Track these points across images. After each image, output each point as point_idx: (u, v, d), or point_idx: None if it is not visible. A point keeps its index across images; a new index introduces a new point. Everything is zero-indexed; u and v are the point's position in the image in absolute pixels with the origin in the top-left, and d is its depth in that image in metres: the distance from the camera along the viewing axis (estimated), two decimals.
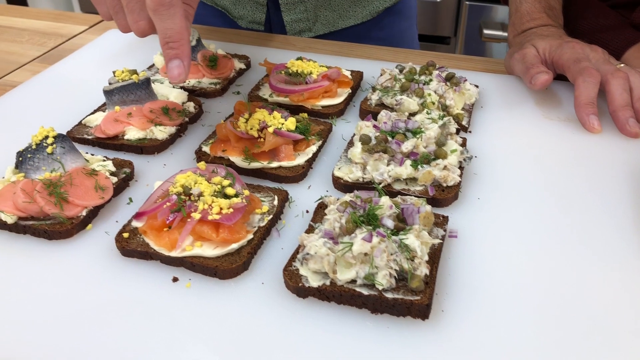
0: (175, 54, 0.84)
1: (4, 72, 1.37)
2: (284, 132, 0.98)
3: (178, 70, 0.84)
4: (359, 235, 0.75)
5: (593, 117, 1.08)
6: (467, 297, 0.76)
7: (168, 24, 0.82)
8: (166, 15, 0.81)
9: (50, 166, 0.91)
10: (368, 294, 0.73)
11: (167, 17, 0.81)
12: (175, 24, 0.82)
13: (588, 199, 0.93)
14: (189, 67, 0.85)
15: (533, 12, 1.31)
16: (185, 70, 0.84)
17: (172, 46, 0.84)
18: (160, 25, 0.82)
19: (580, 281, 0.79)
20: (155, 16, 0.82)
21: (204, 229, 0.80)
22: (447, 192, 0.91)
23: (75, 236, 0.86)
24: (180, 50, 0.84)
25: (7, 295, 0.77)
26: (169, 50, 0.84)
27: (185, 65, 0.84)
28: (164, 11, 0.81)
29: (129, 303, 0.76)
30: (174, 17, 0.82)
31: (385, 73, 1.17)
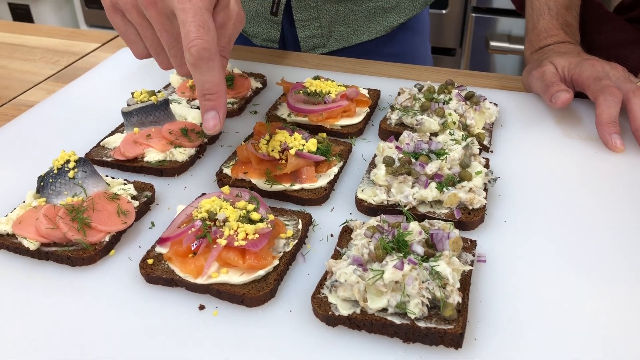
0: (212, 106, 0.85)
1: (18, 91, 1.37)
2: (305, 153, 0.97)
3: (214, 122, 0.86)
4: (389, 262, 0.74)
5: (615, 136, 1.07)
6: (499, 324, 0.75)
7: (206, 77, 0.83)
8: (205, 69, 0.83)
9: (72, 191, 0.90)
10: (400, 323, 0.72)
11: (205, 71, 0.83)
12: (214, 77, 0.84)
13: (614, 219, 0.92)
14: (224, 118, 0.87)
15: (550, 28, 1.31)
16: (220, 122, 0.86)
17: (210, 98, 0.85)
18: (199, 78, 0.84)
19: (613, 304, 0.77)
20: (194, 70, 0.83)
21: (230, 255, 0.79)
22: (474, 215, 0.90)
23: (98, 262, 0.85)
24: (217, 102, 0.85)
25: (30, 324, 0.76)
26: (206, 102, 0.86)
27: (221, 116, 0.86)
28: (202, 65, 0.82)
29: (155, 331, 0.75)
30: (212, 70, 0.83)
31: (404, 92, 1.16)
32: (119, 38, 1.64)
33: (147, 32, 0.89)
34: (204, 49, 0.81)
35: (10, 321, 0.77)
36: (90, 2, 3.69)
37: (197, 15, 0.82)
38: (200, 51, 0.81)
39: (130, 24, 0.91)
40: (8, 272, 0.84)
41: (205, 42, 0.81)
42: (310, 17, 1.51)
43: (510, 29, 3.01)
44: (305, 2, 1.48)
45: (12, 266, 0.85)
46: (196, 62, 0.82)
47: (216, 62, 0.83)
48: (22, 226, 0.86)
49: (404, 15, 1.57)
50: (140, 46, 0.93)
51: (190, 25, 0.81)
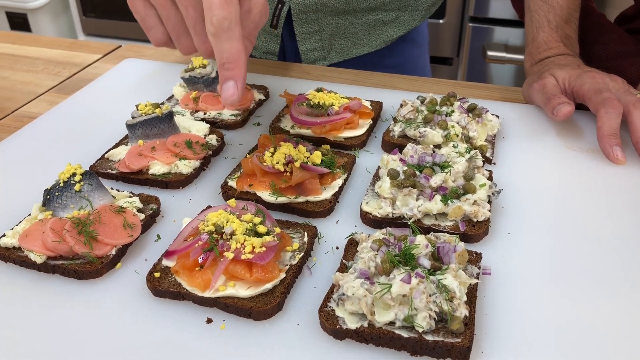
0: (231, 75, 0.84)
1: (20, 102, 1.37)
2: (310, 166, 0.98)
3: (231, 91, 0.84)
4: (397, 276, 0.74)
5: (617, 148, 1.08)
6: (505, 336, 0.76)
7: (226, 46, 0.83)
8: (225, 37, 0.82)
9: (78, 204, 0.90)
10: (408, 337, 0.72)
11: (225, 40, 0.82)
12: (233, 46, 0.83)
13: (616, 230, 0.93)
14: (242, 89, 0.85)
15: (550, 41, 1.32)
16: (238, 92, 0.85)
17: (228, 67, 0.84)
18: (219, 47, 0.83)
19: (618, 316, 0.78)
20: (214, 39, 0.82)
21: (237, 268, 0.80)
22: (478, 228, 0.90)
23: (105, 276, 0.85)
24: (235, 72, 0.84)
25: (37, 337, 0.76)
26: (225, 72, 0.84)
27: (239, 87, 0.85)
28: (223, 34, 0.82)
29: (162, 345, 0.75)
30: (231, 39, 0.82)
31: (407, 104, 1.17)
32: (121, 49, 1.65)
33: (170, 13, 0.88)
34: (225, 18, 0.81)
35: (17, 335, 0.77)
36: (88, 11, 3.70)
37: None
38: (221, 20, 0.81)
39: (151, 7, 0.90)
40: (15, 286, 0.84)
41: (226, 12, 0.81)
42: (311, 31, 1.52)
43: (507, 39, 3.03)
44: (306, 16, 1.49)
45: (18, 280, 0.85)
46: (217, 31, 0.81)
47: (236, 32, 0.82)
48: (29, 240, 0.86)
49: (403, 28, 1.58)
50: (160, 31, 0.92)
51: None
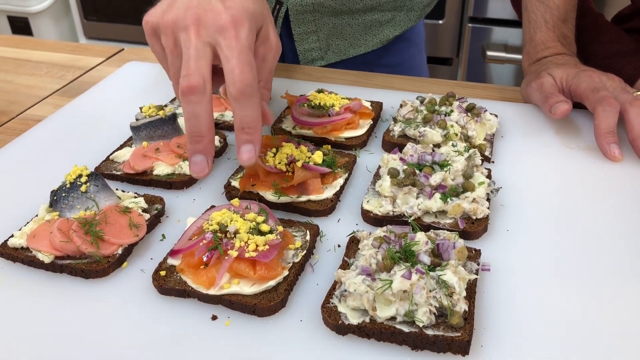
0: (249, 139, 0.87)
1: (25, 105, 1.39)
2: (312, 166, 0.99)
3: (249, 155, 0.87)
4: (397, 272, 0.76)
5: (614, 146, 1.09)
6: (504, 331, 0.77)
7: (247, 112, 0.86)
8: (247, 104, 0.85)
9: (84, 205, 0.92)
10: (409, 331, 0.74)
11: (247, 106, 0.85)
12: (253, 112, 0.86)
13: (613, 226, 0.95)
14: (258, 152, 0.88)
15: (547, 40, 1.34)
16: (255, 154, 0.87)
17: (248, 132, 0.87)
18: (239, 112, 0.86)
19: (616, 312, 0.79)
20: (236, 103, 0.85)
21: (241, 266, 0.81)
22: (477, 225, 0.92)
23: (111, 274, 0.87)
24: (253, 137, 0.87)
25: (44, 336, 0.78)
26: (244, 135, 0.87)
27: (256, 150, 0.87)
28: (245, 100, 0.84)
29: (168, 341, 0.77)
30: (253, 106, 0.85)
31: (407, 104, 1.19)
32: (123, 52, 1.67)
33: (176, 61, 0.90)
34: (247, 85, 0.84)
35: (26, 333, 0.78)
36: (89, 14, 3.72)
37: (242, 54, 0.85)
38: (243, 87, 0.84)
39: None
40: (23, 285, 0.86)
41: (248, 79, 0.84)
42: (309, 31, 1.54)
43: (506, 39, 3.04)
44: (304, 16, 1.51)
45: (26, 279, 0.87)
46: (239, 96, 0.84)
47: (257, 99, 0.85)
48: (37, 240, 0.88)
49: (400, 28, 1.60)
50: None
51: (235, 61, 0.84)
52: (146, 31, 0.94)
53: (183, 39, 0.87)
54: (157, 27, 0.91)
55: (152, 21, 0.92)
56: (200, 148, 0.87)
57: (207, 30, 0.86)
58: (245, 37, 0.86)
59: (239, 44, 0.85)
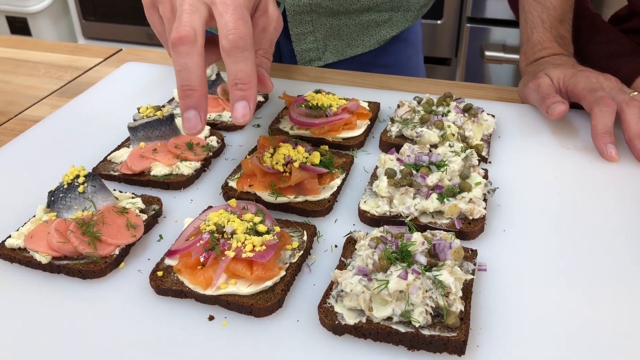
0: (243, 96, 0.85)
1: (23, 106, 1.39)
2: (309, 166, 1.00)
3: (243, 111, 0.85)
4: (394, 272, 0.76)
5: (611, 146, 1.10)
6: (500, 331, 0.77)
7: (240, 66, 0.84)
8: (239, 57, 0.83)
9: (81, 205, 0.92)
10: (405, 331, 0.74)
11: (239, 60, 0.83)
12: (247, 67, 0.84)
13: (610, 227, 0.95)
14: (254, 109, 0.86)
15: (544, 41, 1.34)
16: (250, 112, 0.85)
17: (242, 88, 0.85)
18: (232, 67, 0.84)
19: (612, 312, 0.80)
20: (228, 57, 0.83)
21: (238, 267, 0.81)
22: (474, 225, 0.92)
23: (108, 275, 0.87)
24: (248, 92, 0.85)
25: (42, 336, 0.78)
26: (237, 92, 0.85)
27: (250, 107, 0.85)
28: (237, 53, 0.83)
29: (166, 342, 0.77)
30: (246, 60, 0.84)
31: (404, 105, 1.19)
32: (122, 52, 1.67)
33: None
34: (240, 38, 0.82)
35: (23, 333, 0.79)
36: (88, 14, 3.72)
37: (236, 10, 0.84)
38: (236, 39, 0.82)
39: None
40: (20, 286, 0.86)
41: (242, 33, 0.82)
42: (306, 32, 1.54)
43: (504, 39, 3.05)
44: (301, 17, 1.51)
45: (24, 280, 0.87)
46: (231, 50, 0.82)
47: (250, 53, 0.84)
48: (34, 240, 0.88)
49: (397, 28, 1.60)
50: None
51: (229, 16, 0.83)
52: (145, 4, 0.93)
53: (179, 2, 0.86)
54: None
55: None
56: (192, 103, 0.84)
57: None
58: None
59: (234, 1, 0.84)
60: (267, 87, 0.96)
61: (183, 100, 0.84)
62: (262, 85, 0.95)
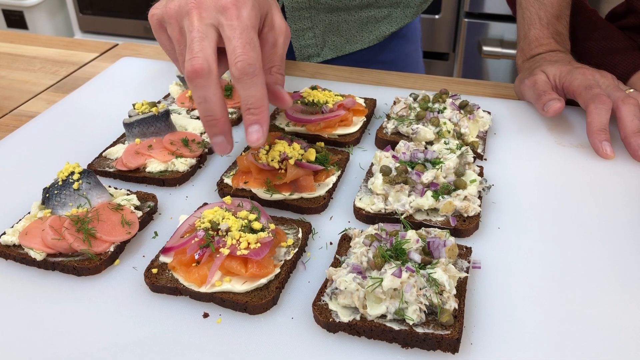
0: (256, 120, 0.87)
1: (18, 101, 1.39)
2: (304, 163, 1.00)
3: (257, 135, 0.87)
4: (388, 270, 0.76)
5: (606, 144, 1.10)
6: (494, 328, 0.78)
7: (251, 92, 0.85)
8: (249, 84, 0.84)
9: (76, 202, 0.92)
10: (399, 329, 0.74)
11: (250, 86, 0.85)
12: (258, 92, 0.85)
13: (605, 224, 0.95)
14: (267, 131, 0.88)
15: (541, 37, 1.34)
16: (263, 135, 0.87)
17: (254, 112, 0.86)
18: (243, 93, 0.85)
19: (606, 309, 0.80)
20: (239, 84, 0.85)
21: (232, 264, 0.82)
22: (469, 223, 0.92)
23: (103, 272, 0.87)
24: (260, 117, 0.87)
25: (37, 333, 0.78)
26: (250, 116, 0.87)
27: (264, 130, 0.87)
28: (247, 80, 0.84)
29: (160, 339, 0.77)
30: (256, 85, 0.85)
31: (400, 102, 1.19)
32: (118, 47, 1.66)
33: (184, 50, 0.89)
34: (249, 65, 0.83)
35: (18, 330, 0.79)
36: (84, 8, 3.70)
37: (244, 33, 0.84)
38: (245, 67, 0.83)
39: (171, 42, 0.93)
40: (15, 283, 0.86)
41: (250, 58, 0.83)
42: (305, 27, 1.53)
43: (502, 34, 3.04)
44: (300, 13, 1.51)
45: (18, 277, 0.87)
46: (241, 76, 0.84)
47: (260, 78, 0.85)
48: (29, 237, 0.88)
49: (396, 25, 1.60)
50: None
51: (237, 41, 0.84)
52: (152, 25, 0.93)
53: (186, 25, 0.86)
54: (162, 19, 0.91)
55: (157, 13, 0.92)
56: (218, 130, 0.87)
57: (209, 11, 0.85)
58: (247, 16, 0.86)
59: (241, 23, 0.85)
60: (285, 103, 0.97)
61: (209, 129, 0.88)
62: (280, 102, 0.96)
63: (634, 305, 0.80)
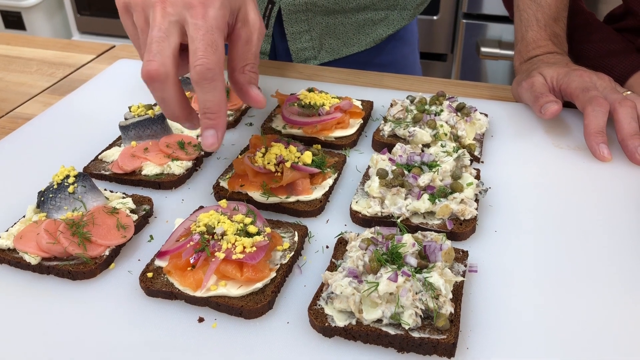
0: (212, 125, 0.86)
1: (15, 103, 1.38)
2: (301, 166, 0.99)
3: (212, 140, 0.87)
4: (384, 274, 0.76)
5: (603, 146, 1.09)
6: (490, 333, 0.77)
7: (208, 97, 0.85)
8: (208, 88, 0.84)
9: (71, 205, 0.92)
10: (395, 334, 0.74)
11: (208, 90, 0.84)
12: (215, 97, 0.85)
13: (603, 226, 0.95)
14: (222, 137, 0.88)
15: (539, 39, 1.33)
16: (218, 141, 0.87)
17: (210, 117, 0.86)
18: (201, 96, 0.85)
19: (604, 312, 0.80)
20: (197, 87, 0.84)
21: (228, 268, 0.81)
22: (465, 226, 0.92)
23: (98, 276, 0.87)
24: (216, 122, 0.86)
25: (32, 337, 0.78)
26: (206, 120, 0.86)
27: (219, 135, 0.87)
28: (206, 84, 0.83)
29: (155, 344, 0.76)
30: (214, 90, 0.84)
31: (397, 104, 1.18)
32: (115, 49, 1.66)
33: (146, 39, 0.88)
34: (208, 69, 0.82)
35: (12, 335, 0.78)
36: (82, 9, 3.70)
37: (207, 34, 0.83)
38: (204, 71, 0.82)
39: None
40: (9, 287, 0.86)
41: (210, 63, 0.82)
42: (302, 30, 1.53)
43: (500, 35, 3.04)
44: (296, 16, 1.50)
45: (13, 281, 0.87)
46: (200, 80, 0.83)
47: (219, 83, 0.84)
48: (23, 241, 0.87)
49: (393, 27, 1.60)
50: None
51: (199, 42, 0.82)
52: (119, 8, 0.91)
53: (151, 18, 0.85)
54: (129, 4, 0.89)
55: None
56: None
57: (175, 7, 0.84)
58: (213, 17, 0.84)
59: (206, 23, 0.83)
60: (258, 102, 0.95)
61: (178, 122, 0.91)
62: (253, 102, 0.94)
63: (632, 308, 0.80)
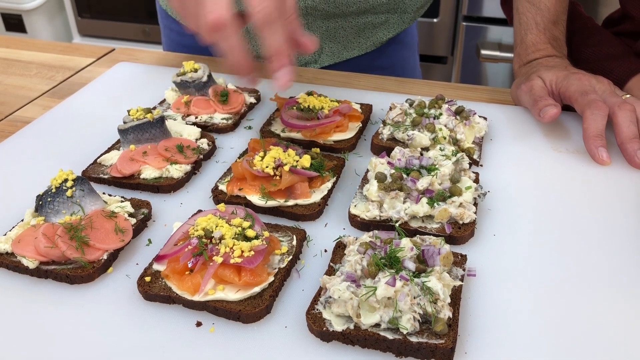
0: (281, 65, 0.90)
1: (14, 107, 1.38)
2: (299, 170, 0.99)
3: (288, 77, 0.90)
4: (382, 279, 0.75)
5: (602, 150, 1.09)
6: (489, 337, 0.77)
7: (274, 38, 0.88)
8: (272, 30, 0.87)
9: (70, 209, 0.92)
10: (393, 338, 0.74)
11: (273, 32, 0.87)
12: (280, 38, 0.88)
13: (601, 230, 0.95)
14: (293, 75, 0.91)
15: (538, 43, 1.33)
16: (291, 78, 0.91)
17: (279, 58, 0.89)
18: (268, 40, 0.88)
19: (603, 315, 0.80)
20: (262, 32, 0.87)
21: (226, 272, 0.81)
22: (464, 230, 0.92)
23: (96, 280, 0.87)
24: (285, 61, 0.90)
25: (29, 341, 0.78)
26: (276, 62, 0.90)
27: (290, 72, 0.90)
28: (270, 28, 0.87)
29: (153, 348, 0.76)
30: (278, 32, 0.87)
31: (396, 107, 1.18)
32: (114, 52, 1.66)
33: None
34: (269, 13, 0.85)
35: (10, 339, 0.78)
36: (83, 12, 3.71)
37: None
38: (266, 15, 0.85)
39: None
40: (7, 291, 0.86)
41: (269, 6, 0.85)
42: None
43: (500, 38, 3.04)
44: None
45: (11, 285, 0.87)
46: (264, 25, 0.86)
47: (279, 25, 0.87)
48: (21, 245, 0.87)
49: (393, 30, 1.60)
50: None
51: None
52: None
53: None
54: None
55: None
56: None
57: None
58: None
59: None
60: (308, 48, 0.98)
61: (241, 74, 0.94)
62: (304, 48, 0.97)
63: (630, 312, 0.80)
